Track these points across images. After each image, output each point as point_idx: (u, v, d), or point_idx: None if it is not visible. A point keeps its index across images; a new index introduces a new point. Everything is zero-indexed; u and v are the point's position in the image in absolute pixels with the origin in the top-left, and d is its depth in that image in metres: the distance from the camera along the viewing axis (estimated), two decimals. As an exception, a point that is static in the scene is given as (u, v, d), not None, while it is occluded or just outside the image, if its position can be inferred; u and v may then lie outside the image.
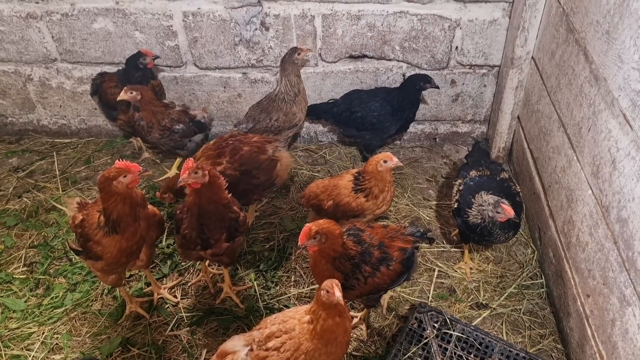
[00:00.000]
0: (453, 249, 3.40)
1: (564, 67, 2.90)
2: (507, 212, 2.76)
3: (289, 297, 3.09)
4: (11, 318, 2.99)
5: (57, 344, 2.86)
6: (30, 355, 2.80)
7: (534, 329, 2.94)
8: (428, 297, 3.09)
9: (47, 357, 2.81)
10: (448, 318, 2.79)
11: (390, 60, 3.85)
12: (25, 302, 3.06)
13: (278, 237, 3.45)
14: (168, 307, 3.06)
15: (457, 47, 3.75)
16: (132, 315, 3.00)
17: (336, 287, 2.00)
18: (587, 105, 2.60)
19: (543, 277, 3.19)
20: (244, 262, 3.30)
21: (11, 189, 3.87)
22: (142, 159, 4.14)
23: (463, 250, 3.31)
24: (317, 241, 2.30)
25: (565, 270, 2.83)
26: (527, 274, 3.21)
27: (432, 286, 3.15)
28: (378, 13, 3.61)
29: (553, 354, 2.82)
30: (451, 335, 2.74)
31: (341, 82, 3.96)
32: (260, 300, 3.06)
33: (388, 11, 3.60)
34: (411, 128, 4.02)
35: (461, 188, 3.12)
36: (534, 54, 3.45)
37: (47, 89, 4.15)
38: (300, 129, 4.10)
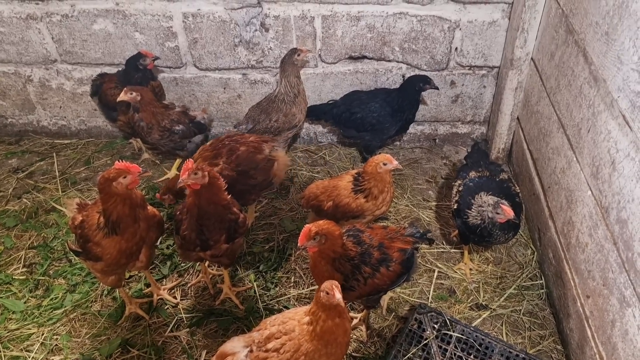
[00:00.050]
0: (453, 250, 3.40)
1: (564, 68, 2.91)
2: (507, 213, 2.76)
3: (289, 298, 3.09)
4: (11, 319, 2.99)
5: (56, 345, 2.86)
6: (29, 357, 2.80)
7: (533, 330, 2.94)
8: (428, 298, 3.09)
9: (46, 358, 2.81)
10: (448, 319, 2.79)
11: (390, 61, 3.85)
12: (25, 303, 3.05)
13: (278, 238, 3.44)
14: (168, 308, 3.06)
15: (456, 48, 3.76)
16: (132, 316, 3.00)
17: (336, 288, 2.00)
18: (586, 106, 2.60)
19: (543, 278, 3.19)
20: (244, 263, 3.30)
21: (11, 189, 3.87)
22: (142, 159, 4.14)
23: (463, 251, 3.31)
24: (317, 242, 2.29)
25: (565, 271, 2.83)
26: (527, 275, 3.21)
27: (432, 287, 3.15)
28: (378, 14, 3.61)
29: (553, 355, 2.82)
30: (451, 336, 2.74)
31: (341, 83, 3.96)
32: (260, 301, 3.06)
33: (388, 12, 3.60)
34: (411, 129, 4.02)
35: (461, 189, 3.12)
36: (534, 55, 3.45)
37: (47, 90, 4.15)
38: (300, 130, 4.10)
